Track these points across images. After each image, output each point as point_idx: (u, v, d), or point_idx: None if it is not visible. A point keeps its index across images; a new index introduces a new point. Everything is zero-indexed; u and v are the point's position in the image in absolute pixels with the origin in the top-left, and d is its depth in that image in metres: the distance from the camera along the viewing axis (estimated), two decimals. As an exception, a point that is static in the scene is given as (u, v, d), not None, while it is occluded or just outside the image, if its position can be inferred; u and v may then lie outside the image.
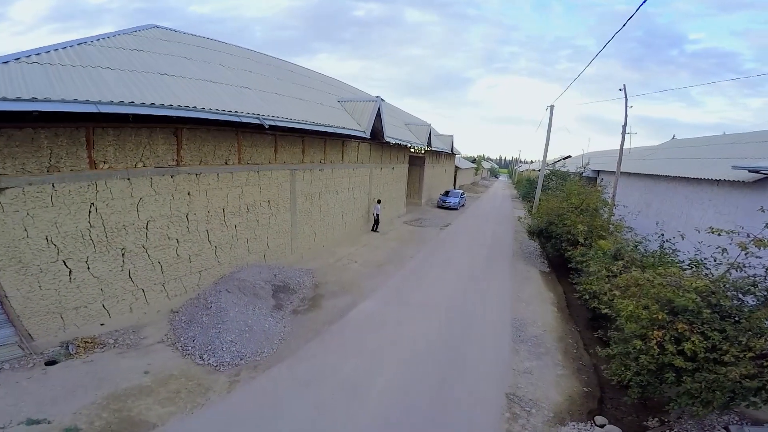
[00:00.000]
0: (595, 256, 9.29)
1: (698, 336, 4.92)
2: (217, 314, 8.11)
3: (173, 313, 8.36)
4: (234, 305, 8.61)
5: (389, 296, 10.54)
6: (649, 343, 5.06)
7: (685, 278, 5.35)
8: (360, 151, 15.88)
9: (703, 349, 4.82)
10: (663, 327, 5.13)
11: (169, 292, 8.46)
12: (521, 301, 10.91)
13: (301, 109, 11.80)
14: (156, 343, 7.29)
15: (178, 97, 7.62)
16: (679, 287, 5.25)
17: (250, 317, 8.35)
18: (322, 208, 13.45)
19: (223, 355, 7.01)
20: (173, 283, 8.54)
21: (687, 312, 5.15)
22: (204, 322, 7.94)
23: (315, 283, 11.15)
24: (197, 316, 8.17)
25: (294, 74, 15.88)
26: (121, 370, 6.30)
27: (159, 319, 8.08)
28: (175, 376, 6.37)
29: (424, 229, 19.71)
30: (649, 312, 5.13)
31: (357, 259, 13.53)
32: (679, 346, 4.99)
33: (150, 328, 7.74)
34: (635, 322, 5.24)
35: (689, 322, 5.09)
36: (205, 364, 6.78)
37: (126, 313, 7.65)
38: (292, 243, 12.25)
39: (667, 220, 12.70)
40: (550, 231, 13.16)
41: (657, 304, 5.20)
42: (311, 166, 12.50)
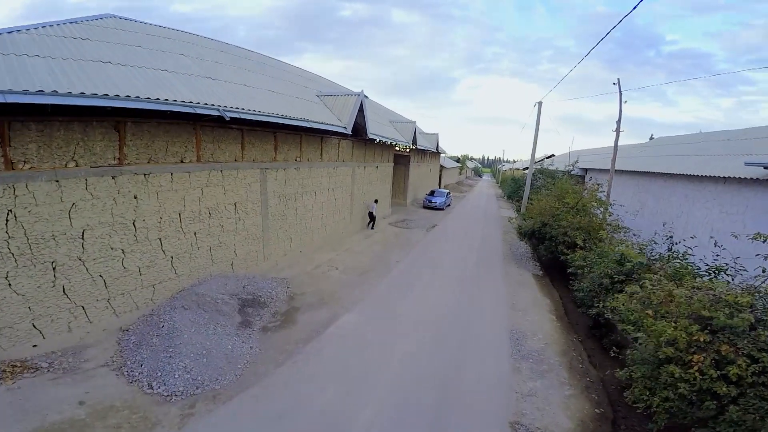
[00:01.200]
0: (598, 262, 8.47)
1: (744, 358, 4.08)
2: (169, 335, 6.98)
3: (122, 332, 7.20)
4: (191, 324, 7.44)
5: (374, 308, 9.48)
6: (690, 370, 4.17)
7: (726, 292, 4.47)
8: (341, 148, 14.76)
9: (750, 373, 3.99)
10: (703, 349, 4.24)
11: (116, 308, 7.31)
12: (517, 310, 10.01)
13: (274, 103, 10.63)
14: (98, 367, 6.21)
15: (118, 87, 6.46)
16: (719, 302, 4.38)
17: (210, 338, 7.22)
18: (298, 211, 12.28)
19: (176, 383, 5.95)
20: (121, 298, 7.38)
21: (727, 330, 4.29)
22: (154, 343, 6.81)
23: (290, 294, 10.01)
24: (147, 336, 7.02)
25: (268, 67, 14.64)
26: (53, 400, 5.32)
27: (105, 338, 6.95)
28: (116, 407, 5.37)
29: (410, 231, 18.74)
30: (688, 334, 4.23)
31: (338, 265, 12.42)
32: (722, 370, 4.15)
33: (94, 350, 6.64)
34: (671, 345, 4.33)
35: (732, 342, 4.23)
36: (154, 393, 5.73)
37: (64, 333, 6.56)
38: (264, 250, 11.05)
39: (665, 219, 12.07)
40: (544, 232, 12.35)
41: (695, 324, 4.31)
42: (285, 164, 11.32)
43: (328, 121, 12.18)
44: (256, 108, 9.15)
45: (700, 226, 10.24)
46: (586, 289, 8.75)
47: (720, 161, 10.87)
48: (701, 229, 10.07)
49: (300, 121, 10.43)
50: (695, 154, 13.16)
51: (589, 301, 8.81)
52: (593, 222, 11.09)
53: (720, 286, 4.68)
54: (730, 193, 9.24)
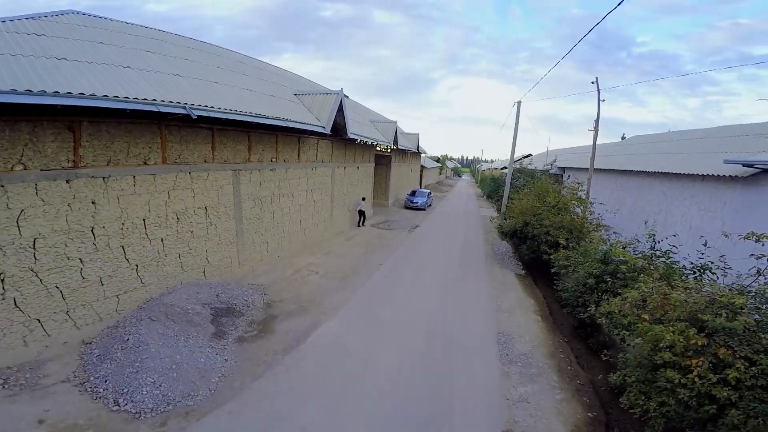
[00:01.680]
0: (582, 261, 8.38)
1: (742, 361, 3.96)
2: (134, 348, 6.44)
3: (85, 345, 6.66)
4: (158, 336, 6.89)
5: (356, 314, 9.10)
6: (689, 375, 4.01)
7: (720, 293, 4.34)
8: (320, 148, 14.29)
9: (749, 376, 3.87)
10: (700, 353, 4.09)
11: (76, 321, 6.70)
12: (503, 312, 9.84)
13: (248, 101, 10.08)
14: (59, 383, 5.72)
15: (71, 84, 5.90)
16: (714, 303, 4.24)
17: (181, 350, 6.70)
18: (275, 214, 11.75)
19: (144, 399, 5.52)
20: (81, 310, 6.77)
21: (722, 332, 4.16)
22: (118, 358, 6.28)
23: (267, 301, 9.51)
24: (111, 350, 6.48)
25: (244, 65, 14.00)
26: (9, 419, 4.95)
27: (66, 352, 6.40)
28: (80, 425, 4.97)
29: (392, 232, 18.43)
30: (685, 338, 4.07)
31: (318, 269, 11.96)
32: (719, 373, 4.02)
33: (54, 364, 6.12)
34: (669, 350, 4.17)
35: (728, 344, 4.10)
36: (121, 410, 5.32)
37: (19, 348, 5.99)
38: (239, 255, 10.49)
39: (644, 217, 12.21)
40: (526, 232, 12.28)
41: (692, 328, 4.16)
42: (260, 165, 10.78)
43: (305, 121, 11.71)
44: (228, 106, 8.61)
45: (678, 223, 10.37)
46: (570, 290, 8.66)
47: (697, 159, 11.06)
48: (679, 226, 10.20)
49: (275, 119, 9.92)
50: (671, 152, 13.42)
51: (573, 301, 8.73)
52: (575, 221, 11.08)
53: (715, 288, 4.56)
54: (708, 191, 9.37)
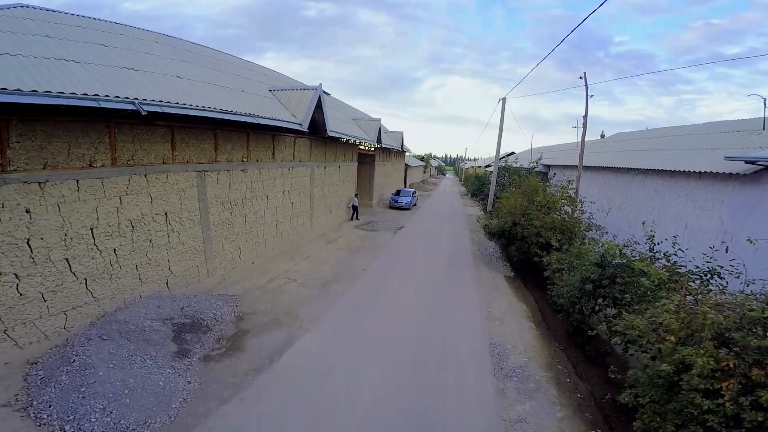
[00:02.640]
0: (577, 265, 7.86)
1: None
2: (80, 372, 5.66)
3: (30, 366, 5.86)
4: (109, 357, 6.08)
5: (337, 327, 8.37)
6: (719, 400, 3.46)
7: (749, 307, 3.79)
8: (297, 147, 13.45)
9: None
10: (730, 374, 3.55)
11: (17, 340, 5.91)
12: (494, 319, 9.27)
13: (215, 96, 9.19)
14: None
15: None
16: (743, 318, 3.71)
17: (136, 373, 5.95)
18: (247, 218, 10.88)
19: (93, 427, 4.88)
20: (22, 328, 5.96)
21: (756, 351, 3.63)
22: (63, 381, 5.50)
23: (238, 314, 8.70)
24: (56, 372, 5.70)
25: (215, 60, 13.02)
26: None
27: (8, 374, 5.64)
28: None
29: (376, 234, 17.71)
30: (716, 360, 3.52)
31: (296, 276, 11.16)
32: (750, 394, 3.49)
33: None
34: (698, 376, 3.61)
35: (760, 363, 3.58)
36: None
37: None
38: (207, 264, 9.61)
39: (635, 215, 11.89)
40: (515, 232, 11.75)
41: (723, 348, 3.61)
42: (229, 165, 9.90)
43: (279, 117, 10.88)
44: (190, 102, 7.74)
45: (673, 222, 9.99)
46: (565, 295, 8.14)
47: (690, 156, 10.72)
48: (674, 225, 9.82)
49: (244, 116, 9.08)
50: (662, 149, 13.11)
51: (569, 307, 8.22)
52: (567, 221, 10.60)
53: (747, 302, 4.02)
54: (704, 189, 8.98)
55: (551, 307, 10.69)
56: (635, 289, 6.55)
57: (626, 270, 7.21)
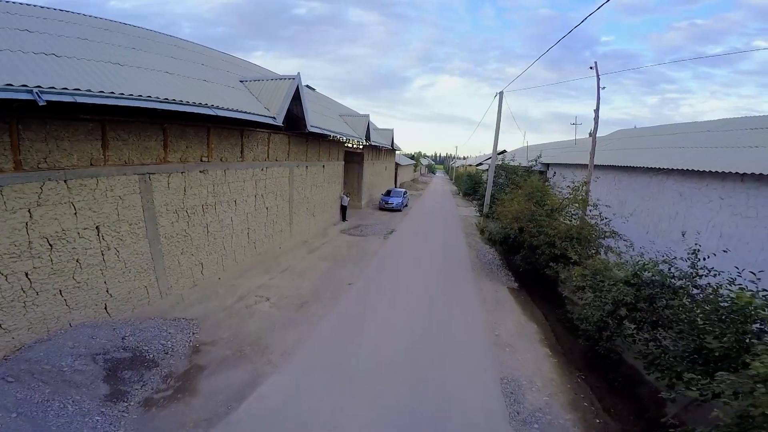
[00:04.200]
0: (609, 287, 6.46)
1: None
2: None
3: None
4: (14, 404, 4.67)
5: (314, 362, 6.83)
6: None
7: None
8: (273, 145, 11.82)
9: None
10: None
11: None
12: (503, 345, 7.82)
13: (165, 85, 7.52)
14: None
15: None
16: None
17: (50, 423, 4.62)
18: (210, 227, 9.24)
19: None
20: None
21: None
22: None
23: (195, 343, 7.15)
24: None
25: (177, 49, 11.22)
26: None
27: None
28: None
29: (365, 240, 16.14)
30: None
31: (270, 294, 9.56)
32: None
33: None
34: None
35: None
36: None
37: None
38: (159, 283, 7.98)
39: (654, 221, 10.57)
40: (521, 240, 10.30)
41: None
42: (183, 167, 8.25)
43: (246, 109, 9.26)
44: (125, 90, 6.10)
45: (704, 229, 8.65)
46: (592, 320, 6.74)
47: (723, 155, 9.34)
48: (704, 233, 8.49)
49: (199, 107, 7.45)
50: (680, 146, 11.79)
51: (595, 333, 6.86)
52: (586, 229, 9.19)
53: None
54: (746, 192, 7.65)
55: (563, 324, 9.38)
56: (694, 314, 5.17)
57: (671, 290, 5.88)
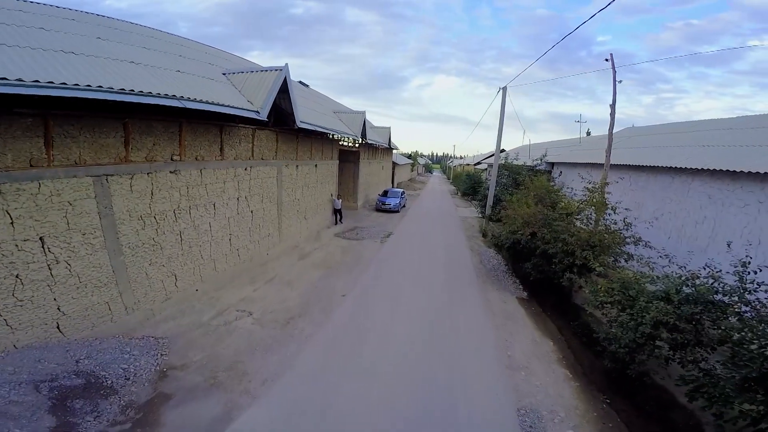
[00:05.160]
0: (645, 306, 5.52)
1: None
2: None
3: None
4: None
5: (300, 392, 5.85)
6: None
7: None
8: (258, 142, 10.80)
9: None
10: None
11: None
12: (517, 368, 6.85)
13: (126, 76, 6.46)
14: None
15: None
16: None
17: None
18: (184, 234, 8.21)
19: None
20: None
21: None
22: None
23: (162, 367, 6.20)
24: None
25: (153, 39, 9.99)
26: None
27: None
28: None
29: (361, 243, 15.14)
30: None
31: (253, 308, 8.56)
32: None
33: None
34: None
35: None
36: None
37: None
38: (123, 298, 6.96)
39: (677, 225, 9.65)
40: (534, 246, 9.31)
41: None
42: (150, 166, 7.21)
43: (227, 102, 8.24)
44: (75, 81, 5.08)
45: (738, 236, 7.71)
46: (622, 340, 5.80)
47: (756, 154, 8.39)
48: (739, 240, 7.53)
49: (166, 98, 6.43)
50: (704, 144, 10.83)
51: (625, 355, 5.92)
52: (611, 236, 8.22)
53: None
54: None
55: (580, 339, 8.48)
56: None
57: (719, 308, 4.97)
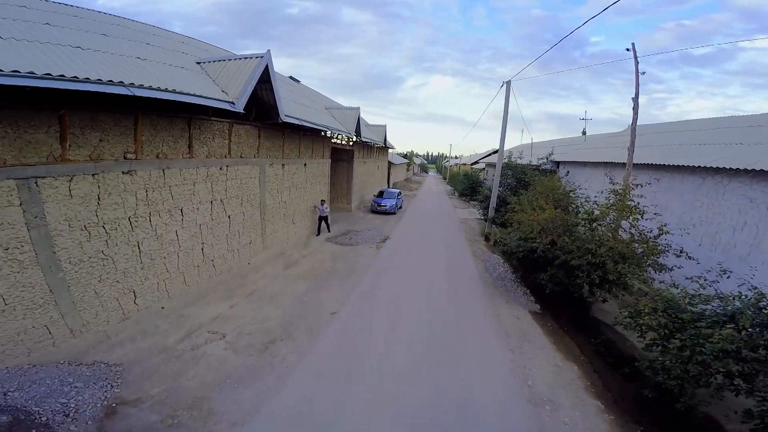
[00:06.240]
0: (700, 331, 4.43)
1: None
2: None
3: None
4: None
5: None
6: None
7: None
8: (235, 137, 9.58)
9: None
10: None
11: None
12: (541, 402, 5.71)
13: (63, 62, 5.27)
14: None
15: None
16: None
17: None
18: (143, 245, 6.97)
19: None
20: None
21: None
22: None
23: (112, 401, 5.16)
24: None
25: (120, 28, 8.68)
26: None
27: None
28: None
29: (354, 250, 13.93)
30: None
31: (227, 328, 7.36)
32: None
33: None
34: None
35: None
36: None
37: None
38: (66, 319, 5.79)
39: (710, 232, 8.59)
40: (553, 255, 8.11)
41: None
42: (96, 166, 5.97)
43: (195, 92, 7.04)
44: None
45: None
46: (674, 372, 4.69)
47: None
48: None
49: (107, 85, 5.23)
50: (735, 142, 9.75)
51: (676, 387, 4.83)
52: (648, 246, 7.10)
53: None
54: None
55: (604, 358, 7.42)
56: None
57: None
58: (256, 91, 9.50)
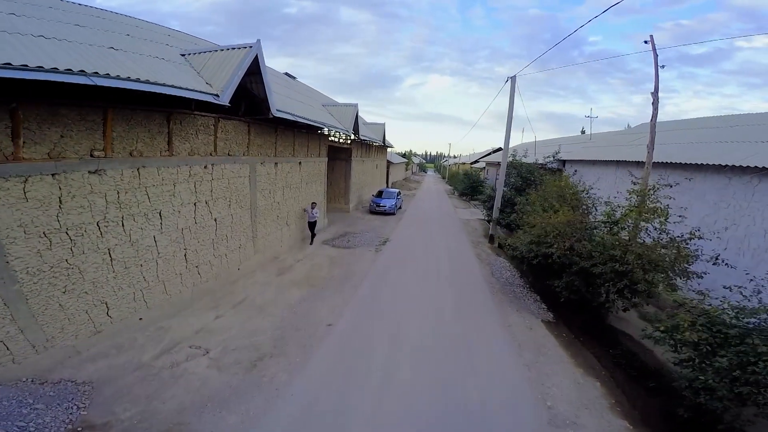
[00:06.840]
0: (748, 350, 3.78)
1: None
2: None
3: None
4: None
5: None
6: None
7: None
8: (221, 134, 8.88)
9: None
10: None
11: None
12: (564, 425, 5.06)
13: (29, 51, 4.62)
14: None
15: None
16: None
17: None
18: (114, 252, 6.25)
19: None
20: None
21: None
22: None
23: (77, 426, 4.56)
24: None
25: (100, 20, 7.95)
26: None
27: None
28: None
29: (352, 253, 13.24)
30: None
31: (211, 343, 6.68)
32: None
33: None
34: None
35: None
36: None
37: None
38: (26, 335, 5.14)
39: (739, 237, 7.96)
40: (570, 261, 7.42)
41: None
42: (56, 166, 5.27)
43: (173, 83, 6.36)
44: None
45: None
46: (719, 392, 4.04)
47: None
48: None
49: (65, 74, 4.56)
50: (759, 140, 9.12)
51: (720, 408, 4.18)
52: (683, 253, 6.43)
53: None
54: None
55: (624, 370, 6.79)
56: None
57: None
58: (245, 84, 8.84)
